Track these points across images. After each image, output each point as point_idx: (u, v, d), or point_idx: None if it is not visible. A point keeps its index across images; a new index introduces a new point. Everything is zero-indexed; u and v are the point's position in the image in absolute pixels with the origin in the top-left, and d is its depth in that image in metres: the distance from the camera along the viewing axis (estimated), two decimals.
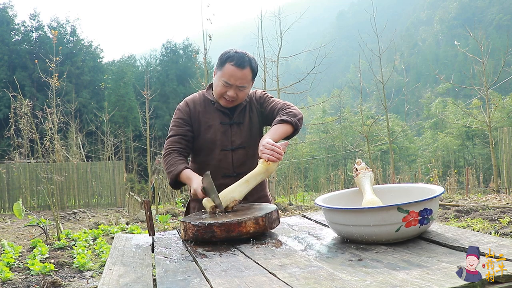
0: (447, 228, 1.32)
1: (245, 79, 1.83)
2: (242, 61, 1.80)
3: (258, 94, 2.04)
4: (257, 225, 1.38)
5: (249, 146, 1.96)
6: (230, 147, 1.93)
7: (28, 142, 11.02)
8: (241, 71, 1.80)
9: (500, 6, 59.24)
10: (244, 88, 1.85)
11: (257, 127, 2.00)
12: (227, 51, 1.88)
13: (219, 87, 1.86)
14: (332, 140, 24.22)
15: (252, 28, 8.99)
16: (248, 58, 1.84)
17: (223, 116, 1.94)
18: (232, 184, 1.85)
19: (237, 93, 1.85)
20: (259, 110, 2.01)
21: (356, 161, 1.57)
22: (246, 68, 1.82)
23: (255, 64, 1.88)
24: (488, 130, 11.29)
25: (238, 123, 1.94)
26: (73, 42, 22.31)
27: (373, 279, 0.92)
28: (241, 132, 1.94)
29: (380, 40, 10.70)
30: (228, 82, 1.81)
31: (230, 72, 1.80)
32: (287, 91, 8.76)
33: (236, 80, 1.81)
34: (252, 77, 1.88)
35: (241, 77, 1.81)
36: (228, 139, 1.92)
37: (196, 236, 1.40)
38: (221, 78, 1.84)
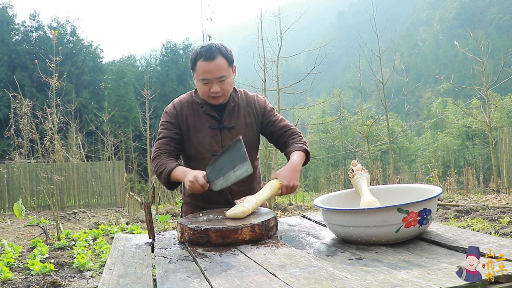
0: (447, 228, 1.32)
1: (221, 69, 1.76)
2: (210, 53, 1.75)
3: (261, 102, 1.97)
4: (253, 233, 1.36)
5: None
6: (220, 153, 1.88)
7: (28, 142, 11.00)
8: (213, 62, 1.74)
9: (500, 6, 59.24)
10: (224, 77, 1.78)
11: (253, 134, 1.93)
12: (194, 50, 1.83)
13: (201, 88, 1.81)
14: (332, 140, 24.21)
15: (252, 28, 8.99)
16: (216, 47, 1.77)
17: (212, 120, 1.87)
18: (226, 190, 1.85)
19: (220, 86, 1.78)
20: (259, 118, 1.94)
21: (351, 162, 1.57)
22: (217, 58, 1.75)
23: (226, 51, 1.80)
24: (488, 130, 11.29)
25: (229, 127, 1.87)
26: (73, 42, 22.31)
27: (373, 278, 0.92)
28: (232, 137, 1.87)
29: (380, 40, 10.70)
30: (205, 78, 1.76)
31: (203, 68, 1.75)
32: (287, 91, 8.75)
33: (213, 73, 1.75)
34: (228, 65, 1.79)
35: (216, 68, 1.74)
36: (218, 144, 1.86)
37: (192, 240, 1.39)
38: (198, 78, 1.79)
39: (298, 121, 9.56)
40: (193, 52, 1.82)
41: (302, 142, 1.88)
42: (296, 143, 1.86)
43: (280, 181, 1.68)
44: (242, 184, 1.90)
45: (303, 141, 1.89)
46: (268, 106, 1.98)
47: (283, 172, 1.71)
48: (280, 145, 1.96)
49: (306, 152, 1.84)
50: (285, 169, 1.73)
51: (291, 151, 1.82)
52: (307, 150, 1.84)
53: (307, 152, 1.84)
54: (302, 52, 9.50)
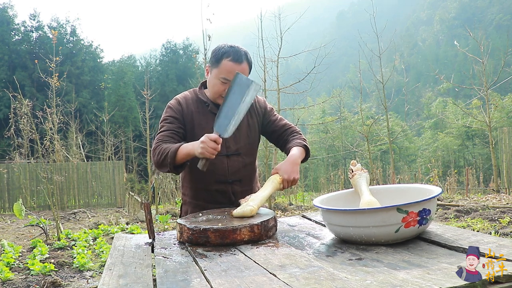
0: (447, 228, 1.32)
1: (244, 74, 1.75)
2: (239, 55, 1.74)
3: (261, 103, 1.97)
4: (252, 233, 1.36)
5: (245, 153, 1.89)
6: (225, 153, 1.84)
7: (28, 142, 11.01)
8: (240, 65, 1.73)
9: (500, 6, 59.24)
10: None
11: (255, 135, 1.94)
12: (220, 46, 1.80)
13: (217, 85, 1.78)
14: (332, 140, 24.22)
15: (252, 28, 8.99)
16: (244, 52, 1.78)
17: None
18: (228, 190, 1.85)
19: None
20: (260, 118, 1.95)
21: (351, 162, 1.57)
22: (244, 62, 1.75)
23: (250, 58, 1.82)
24: (488, 130, 11.29)
25: None
26: (73, 42, 22.31)
27: (373, 278, 0.92)
28: (236, 137, 1.85)
29: (380, 40, 10.69)
30: (227, 78, 1.74)
31: (229, 68, 1.73)
32: (287, 91, 8.76)
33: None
34: (248, 71, 1.81)
35: (240, 71, 1.73)
36: (222, 144, 1.81)
37: (190, 240, 1.39)
38: (218, 76, 1.76)
39: (298, 121, 9.56)
40: (219, 48, 1.78)
41: (302, 139, 1.89)
42: (296, 140, 1.88)
43: (280, 175, 1.68)
44: (244, 184, 1.91)
45: (303, 138, 1.91)
46: (268, 106, 1.99)
47: (283, 166, 1.70)
48: (280, 144, 1.97)
49: (306, 148, 1.84)
50: (285, 163, 1.72)
51: (291, 147, 1.83)
52: (307, 146, 1.85)
53: (306, 148, 1.84)
54: (302, 52, 9.50)
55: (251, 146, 1.93)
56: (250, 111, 1.91)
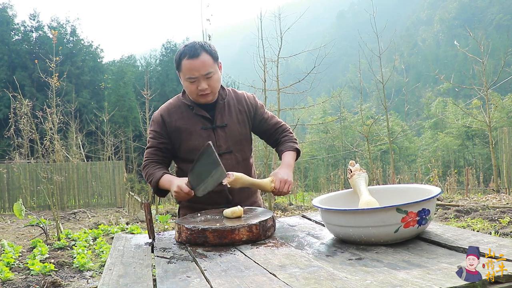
0: (447, 228, 1.32)
1: (206, 65, 1.74)
2: (194, 50, 1.73)
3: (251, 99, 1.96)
4: (251, 233, 1.36)
5: (237, 150, 1.88)
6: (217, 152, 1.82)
7: (28, 142, 11.01)
8: (198, 59, 1.72)
9: (500, 6, 59.25)
10: (211, 74, 1.76)
11: (244, 131, 1.92)
12: (178, 50, 1.82)
13: (188, 87, 1.79)
14: (332, 140, 24.22)
15: (252, 28, 8.98)
16: (200, 45, 1.76)
17: (203, 121, 1.85)
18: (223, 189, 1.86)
19: (208, 83, 1.76)
20: (251, 115, 1.94)
21: (350, 163, 1.56)
22: (201, 55, 1.73)
23: (209, 48, 1.77)
24: (488, 130, 11.29)
25: (222, 126, 1.85)
26: (73, 42, 22.31)
27: (373, 278, 0.92)
28: (226, 135, 1.85)
29: (380, 40, 10.70)
30: (192, 76, 1.74)
31: (189, 66, 1.73)
32: (287, 91, 8.75)
33: (198, 70, 1.73)
34: (213, 61, 1.77)
35: (201, 65, 1.73)
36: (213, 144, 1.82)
37: (189, 240, 1.39)
38: (185, 77, 1.77)
39: (298, 121, 9.55)
40: (177, 52, 1.80)
41: (293, 140, 1.97)
42: (288, 142, 1.96)
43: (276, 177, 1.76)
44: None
45: (294, 139, 1.98)
46: (258, 103, 1.99)
47: (278, 171, 1.81)
48: (272, 142, 2.04)
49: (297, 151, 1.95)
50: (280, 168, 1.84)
51: (283, 151, 1.93)
52: (298, 148, 1.96)
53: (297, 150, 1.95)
54: (302, 52, 9.49)
55: (242, 143, 1.92)
56: (238, 108, 1.91)
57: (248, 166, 1.97)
